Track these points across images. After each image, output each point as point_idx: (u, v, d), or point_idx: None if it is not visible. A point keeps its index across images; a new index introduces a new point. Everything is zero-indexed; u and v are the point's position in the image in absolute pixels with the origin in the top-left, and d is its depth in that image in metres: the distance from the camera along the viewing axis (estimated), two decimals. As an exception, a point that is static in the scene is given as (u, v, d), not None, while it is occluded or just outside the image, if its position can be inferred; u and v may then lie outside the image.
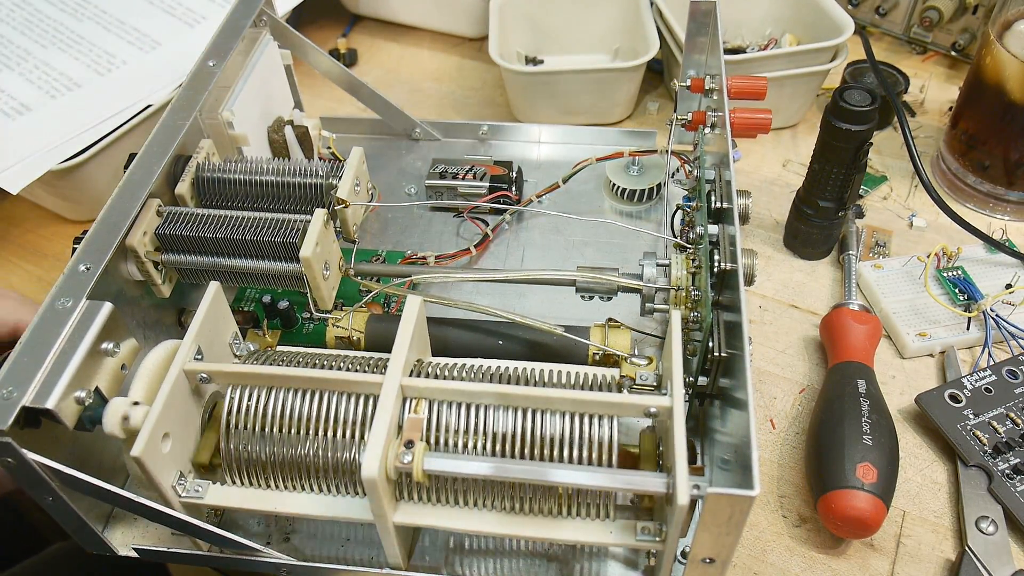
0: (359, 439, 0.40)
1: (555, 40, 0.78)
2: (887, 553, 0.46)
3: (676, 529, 0.36)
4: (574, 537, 0.40)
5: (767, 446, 0.51)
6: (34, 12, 0.74)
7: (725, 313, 0.42)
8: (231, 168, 0.50)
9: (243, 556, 0.43)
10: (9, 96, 0.66)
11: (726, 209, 0.45)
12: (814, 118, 0.72)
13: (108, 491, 0.38)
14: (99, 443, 0.43)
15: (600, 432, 0.39)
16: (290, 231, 0.46)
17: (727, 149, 0.46)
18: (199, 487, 0.41)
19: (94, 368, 0.39)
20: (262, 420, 0.40)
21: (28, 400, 0.36)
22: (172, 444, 0.39)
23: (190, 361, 0.40)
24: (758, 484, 0.32)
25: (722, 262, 0.42)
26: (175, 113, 0.50)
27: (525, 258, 0.61)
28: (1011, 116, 0.60)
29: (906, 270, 0.59)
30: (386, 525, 0.39)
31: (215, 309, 0.43)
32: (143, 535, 0.45)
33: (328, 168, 0.50)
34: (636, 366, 0.45)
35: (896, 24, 0.80)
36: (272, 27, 0.59)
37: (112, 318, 0.40)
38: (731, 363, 0.40)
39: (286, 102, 0.62)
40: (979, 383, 0.51)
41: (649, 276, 0.47)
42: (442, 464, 0.37)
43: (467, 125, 0.70)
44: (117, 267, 0.45)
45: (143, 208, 0.46)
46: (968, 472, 0.48)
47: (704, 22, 0.58)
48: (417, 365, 0.42)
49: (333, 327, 0.50)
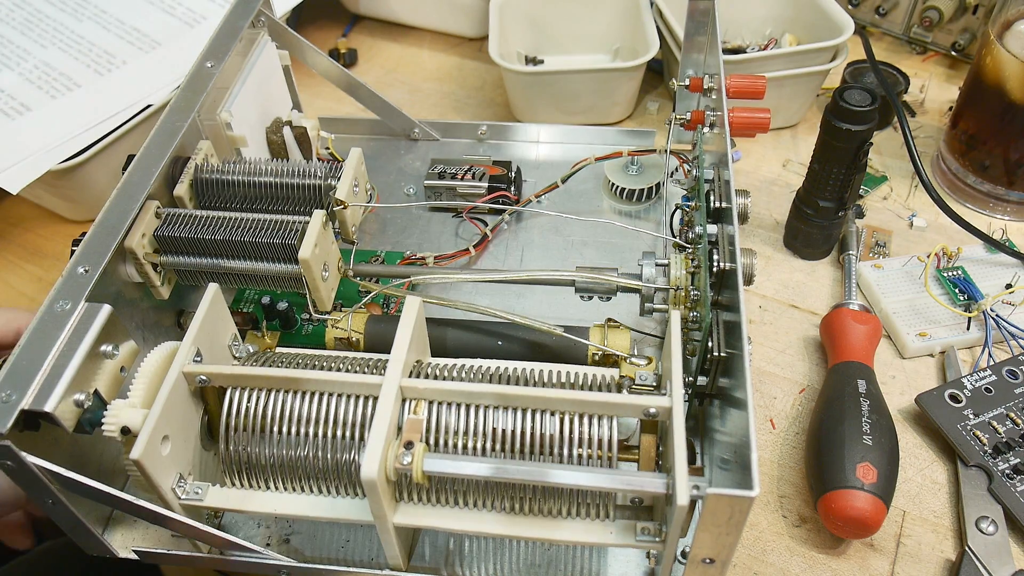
0: (359, 440, 0.40)
1: (555, 40, 0.78)
2: (887, 553, 0.46)
3: (676, 529, 0.36)
4: (574, 538, 0.39)
5: (767, 446, 0.51)
6: (34, 12, 0.74)
7: (724, 313, 0.42)
8: (230, 169, 0.50)
9: (243, 558, 0.43)
10: (9, 96, 0.66)
11: (725, 209, 0.45)
12: (814, 118, 0.72)
13: (108, 494, 0.38)
14: (99, 445, 0.43)
15: (600, 432, 0.38)
16: (289, 232, 0.46)
17: (726, 148, 0.46)
18: (199, 489, 0.41)
19: (93, 370, 0.39)
20: (262, 422, 0.40)
21: (27, 403, 0.36)
22: (171, 446, 0.39)
23: (189, 363, 0.40)
24: (758, 485, 0.32)
25: (721, 262, 0.42)
26: (173, 114, 0.50)
27: (524, 258, 0.61)
28: (1011, 116, 0.60)
29: (906, 270, 0.59)
30: (386, 526, 0.39)
31: (214, 311, 0.43)
32: (143, 537, 0.45)
33: (327, 169, 0.50)
34: (635, 366, 0.45)
35: (896, 24, 0.80)
36: (270, 28, 0.59)
37: (111, 320, 0.40)
38: (730, 363, 0.40)
39: (284, 103, 0.62)
40: (979, 383, 0.51)
41: (648, 276, 0.47)
42: (442, 465, 0.37)
43: (466, 125, 0.70)
44: (116, 269, 0.45)
45: (142, 210, 0.46)
46: (968, 472, 0.48)
47: (702, 21, 0.58)
48: (416, 366, 0.42)
49: (332, 328, 0.50)
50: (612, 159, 0.63)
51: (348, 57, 0.83)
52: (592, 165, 0.62)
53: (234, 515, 0.47)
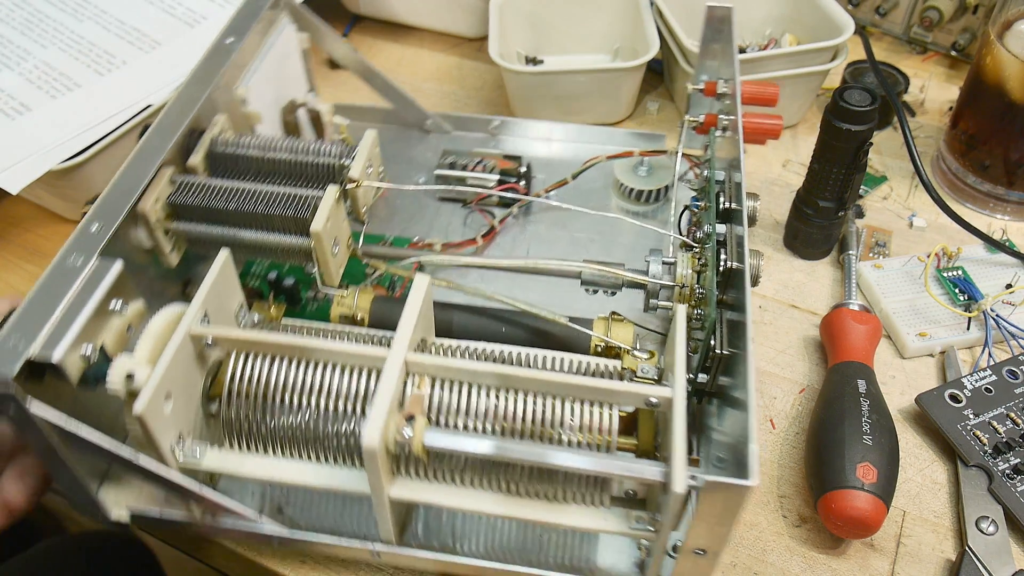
0: (360, 412, 0.40)
1: (555, 40, 0.78)
2: (887, 553, 0.46)
3: (670, 518, 0.36)
4: (568, 522, 0.40)
5: (767, 446, 0.51)
6: (34, 12, 0.74)
7: (729, 312, 0.42)
8: (245, 143, 0.51)
9: (235, 525, 0.43)
10: (9, 96, 0.66)
11: (735, 210, 0.45)
12: (814, 118, 0.72)
13: (107, 448, 0.38)
14: (98, 406, 0.43)
15: (600, 419, 0.39)
16: (302, 205, 0.47)
17: (738, 153, 0.46)
18: (197, 450, 0.41)
19: (100, 326, 0.40)
20: (265, 388, 0.41)
21: (34, 353, 0.37)
22: (173, 405, 0.40)
23: (197, 325, 0.41)
24: (756, 475, 0.32)
25: (729, 261, 0.43)
26: (191, 86, 0.51)
27: (530, 251, 0.62)
28: (1011, 116, 0.60)
29: (906, 270, 0.59)
30: (382, 499, 0.40)
31: (224, 276, 0.43)
32: (135, 500, 0.45)
33: (341, 148, 0.51)
34: (637, 359, 0.45)
35: (896, 24, 0.80)
36: (291, 11, 0.60)
37: (121, 277, 0.41)
38: (732, 361, 0.40)
39: (301, 86, 0.63)
40: (979, 383, 0.51)
41: (654, 272, 0.48)
42: (442, 440, 0.37)
43: (478, 119, 0.70)
44: (127, 233, 0.45)
45: (156, 176, 0.46)
46: (968, 472, 0.48)
47: (720, 28, 0.58)
48: (422, 344, 0.43)
49: (338, 304, 0.51)
50: (622, 160, 0.64)
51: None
52: (602, 166, 0.62)
53: (229, 484, 0.47)
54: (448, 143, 0.70)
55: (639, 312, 0.50)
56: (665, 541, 0.38)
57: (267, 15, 0.57)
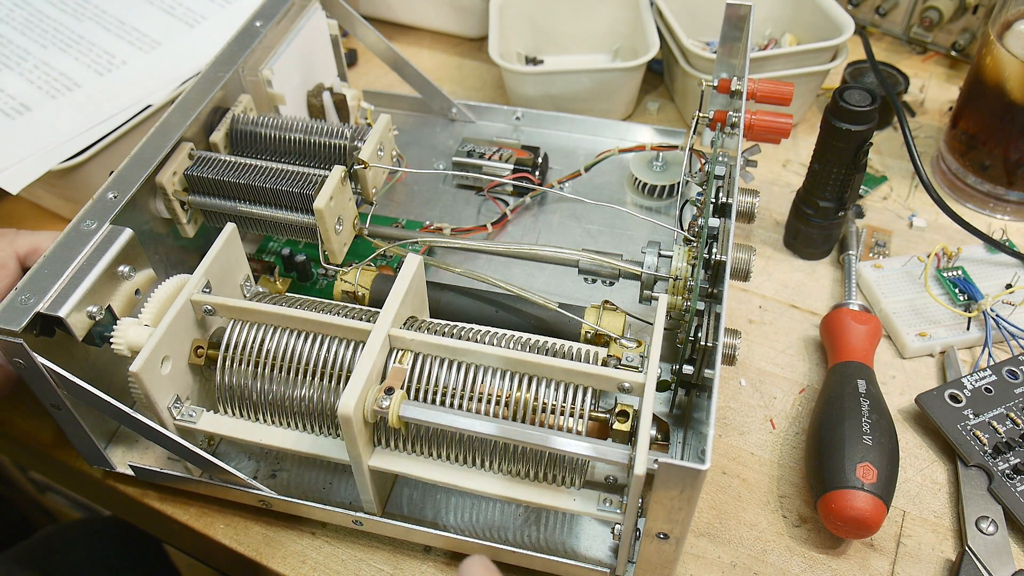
0: (344, 383, 0.41)
1: (555, 40, 0.78)
2: (887, 553, 0.46)
3: (634, 501, 0.37)
4: (539, 500, 0.41)
5: (767, 446, 0.51)
6: (34, 12, 0.74)
7: (717, 305, 0.42)
8: (264, 122, 0.53)
9: (228, 484, 0.45)
10: (9, 96, 0.66)
11: (728, 204, 0.46)
12: (814, 118, 0.72)
13: (109, 403, 0.40)
14: (109, 368, 0.46)
15: (574, 401, 0.40)
16: (308, 183, 0.49)
17: (738, 148, 0.47)
18: (193, 412, 0.43)
19: (109, 288, 0.42)
20: (257, 356, 0.43)
21: (43, 307, 0.39)
22: (171, 367, 0.42)
23: (197, 292, 0.43)
24: (709, 459, 0.34)
25: (720, 254, 0.43)
26: (217, 66, 0.54)
27: (540, 241, 0.62)
28: (1011, 116, 0.60)
29: (906, 270, 0.59)
30: (361, 468, 0.41)
31: (228, 248, 0.46)
32: (140, 458, 0.48)
33: (354, 131, 0.53)
34: (625, 348, 0.46)
35: (896, 24, 0.80)
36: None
37: (131, 243, 0.43)
38: (714, 353, 0.40)
39: (329, 71, 0.64)
40: (979, 383, 0.51)
41: (650, 264, 0.49)
42: (417, 412, 0.39)
43: (502, 110, 0.71)
44: (147, 202, 0.48)
45: (175, 149, 0.49)
46: (968, 472, 0.48)
47: (739, 26, 0.58)
48: (411, 321, 0.44)
49: (340, 281, 0.52)
50: (639, 155, 0.64)
51: (348, 57, 0.83)
52: (619, 160, 0.63)
53: (226, 447, 0.50)
54: (471, 132, 0.71)
55: (636, 303, 0.50)
56: (633, 523, 0.39)
57: (298, 1, 0.59)
